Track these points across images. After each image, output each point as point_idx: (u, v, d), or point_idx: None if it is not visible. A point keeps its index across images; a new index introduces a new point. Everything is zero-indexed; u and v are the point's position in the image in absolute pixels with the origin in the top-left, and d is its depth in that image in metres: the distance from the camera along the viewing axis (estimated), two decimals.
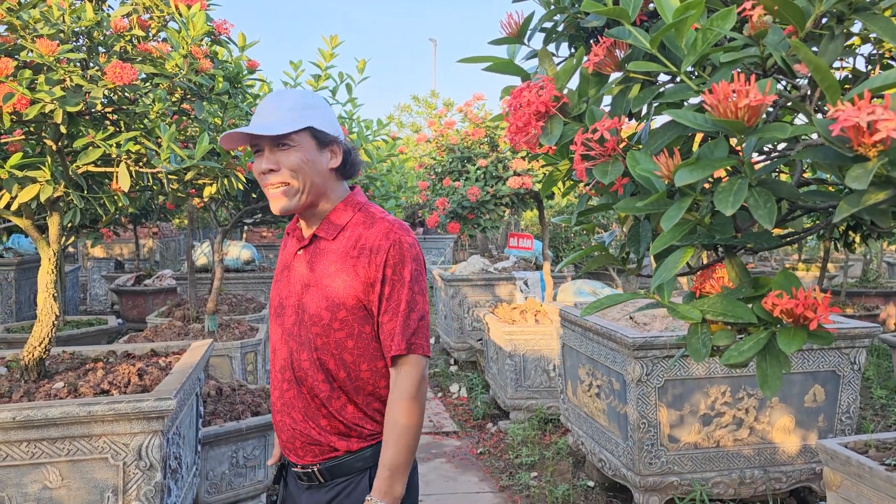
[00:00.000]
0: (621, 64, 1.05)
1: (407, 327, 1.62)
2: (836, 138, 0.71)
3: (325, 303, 1.64)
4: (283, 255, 1.82)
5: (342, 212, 1.71)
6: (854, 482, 2.58)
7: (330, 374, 1.65)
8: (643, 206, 0.89)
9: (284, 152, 1.62)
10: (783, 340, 0.82)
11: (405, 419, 1.60)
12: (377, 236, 1.65)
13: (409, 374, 1.62)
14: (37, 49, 2.01)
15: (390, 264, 1.62)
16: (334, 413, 1.65)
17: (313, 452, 1.68)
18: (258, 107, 1.69)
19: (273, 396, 1.76)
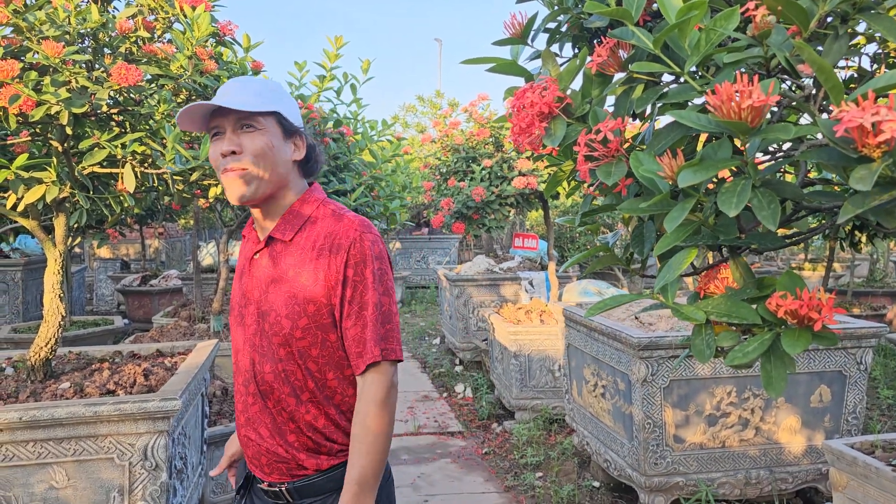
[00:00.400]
0: (625, 64, 1.05)
1: (377, 332, 1.50)
2: (841, 139, 0.71)
3: (285, 310, 1.51)
4: (240, 260, 1.69)
5: (301, 208, 1.59)
6: (860, 483, 2.57)
7: (296, 385, 1.53)
8: (646, 207, 0.89)
9: (249, 135, 1.49)
10: (788, 342, 0.82)
11: (375, 427, 1.48)
12: (336, 235, 1.53)
13: (379, 380, 1.50)
14: (42, 51, 2.02)
15: (351, 264, 1.50)
16: (303, 428, 1.54)
17: (280, 471, 1.57)
18: (220, 89, 1.55)
19: (237, 410, 1.63)
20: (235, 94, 1.50)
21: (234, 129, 1.49)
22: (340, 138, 4.51)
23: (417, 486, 4.06)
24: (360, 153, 4.59)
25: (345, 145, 4.49)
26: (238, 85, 1.53)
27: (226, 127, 1.50)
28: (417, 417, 5.34)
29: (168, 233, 12.91)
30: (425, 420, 5.28)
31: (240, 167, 1.48)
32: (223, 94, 1.50)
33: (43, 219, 2.68)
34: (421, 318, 10.01)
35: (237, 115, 1.49)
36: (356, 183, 4.37)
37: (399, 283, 10.87)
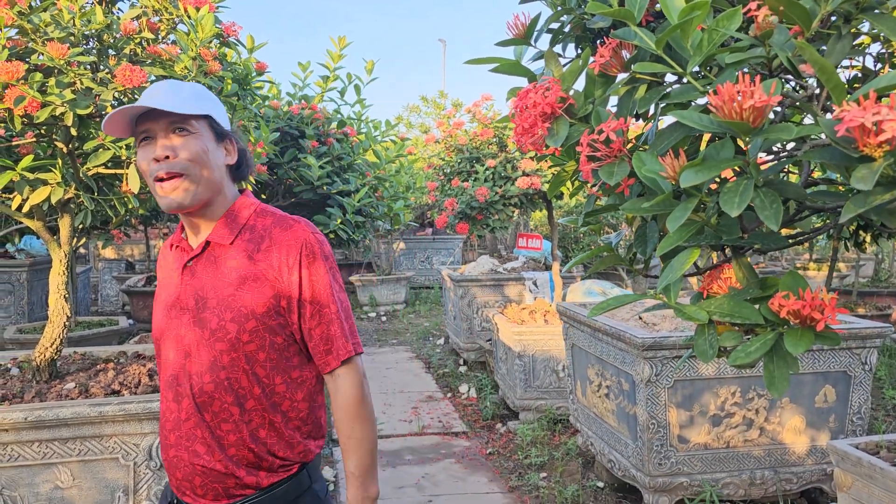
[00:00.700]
0: (627, 65, 1.05)
1: (343, 329, 1.51)
2: (842, 139, 0.71)
3: (230, 314, 1.45)
4: (164, 273, 1.60)
5: (239, 212, 1.54)
6: (865, 483, 2.57)
7: (241, 393, 1.47)
8: (649, 207, 0.89)
9: (182, 139, 1.43)
10: (790, 342, 0.82)
11: (361, 424, 1.51)
12: (284, 236, 1.50)
13: (354, 375, 1.52)
14: (47, 52, 2.02)
15: (305, 265, 1.48)
16: (246, 439, 1.48)
17: (216, 491, 1.49)
18: (146, 91, 1.47)
19: (164, 431, 1.54)
20: (165, 96, 1.43)
21: (166, 134, 1.43)
22: (344, 139, 4.51)
23: (421, 486, 4.07)
24: (363, 153, 4.60)
25: (348, 146, 4.49)
26: (167, 88, 1.46)
27: (156, 131, 1.43)
28: (422, 418, 5.34)
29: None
30: (429, 420, 5.28)
31: (175, 172, 1.42)
32: (151, 97, 1.43)
33: (48, 220, 2.69)
34: (425, 318, 10.02)
35: (169, 119, 1.43)
36: (360, 183, 4.38)
37: (403, 284, 10.88)
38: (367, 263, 12.18)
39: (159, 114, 1.42)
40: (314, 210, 4.48)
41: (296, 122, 4.40)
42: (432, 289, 12.08)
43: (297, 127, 4.39)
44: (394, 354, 7.75)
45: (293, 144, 4.39)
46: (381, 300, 10.62)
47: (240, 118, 2.98)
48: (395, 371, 6.94)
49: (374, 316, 10.24)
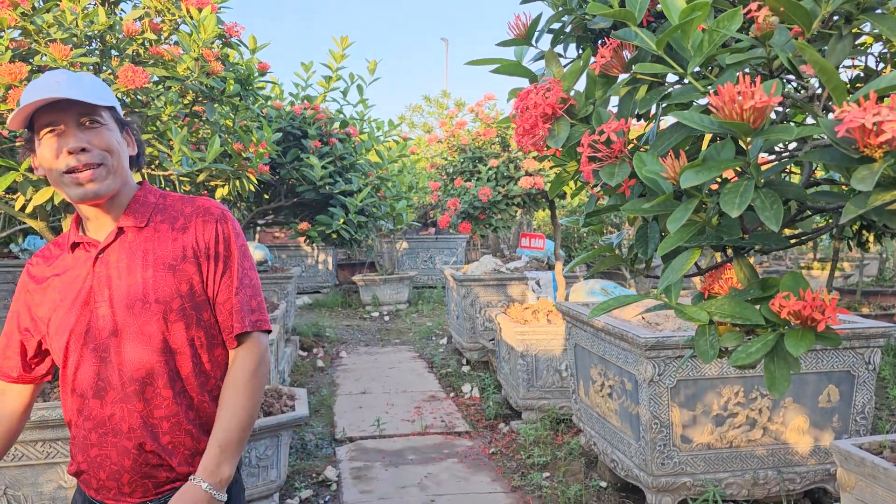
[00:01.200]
0: (628, 65, 1.05)
1: (247, 303, 1.52)
2: (842, 139, 0.71)
3: (154, 295, 1.45)
4: (68, 277, 1.52)
5: (145, 197, 1.54)
6: (869, 483, 2.56)
7: (173, 373, 1.47)
8: (650, 208, 0.89)
9: (94, 131, 1.42)
10: (791, 342, 0.81)
11: (243, 397, 1.49)
12: (199, 214, 1.52)
13: (250, 351, 1.52)
14: (50, 53, 2.03)
15: (220, 240, 1.51)
16: (182, 422, 1.47)
17: (145, 487, 1.47)
18: (42, 81, 1.41)
19: (83, 432, 1.49)
20: (70, 87, 1.39)
21: (76, 126, 1.40)
22: (347, 139, 4.52)
23: (424, 485, 4.07)
24: (366, 153, 4.60)
25: (351, 146, 4.50)
26: (67, 78, 1.41)
27: (65, 122, 1.40)
28: (424, 417, 5.34)
29: None
30: (432, 420, 5.29)
31: (94, 162, 1.41)
32: (54, 87, 1.38)
33: (51, 220, 2.70)
34: (428, 318, 10.02)
35: (78, 110, 1.40)
36: (362, 183, 4.39)
37: (406, 284, 10.88)
38: (370, 263, 12.19)
39: (67, 105, 1.39)
40: (317, 210, 4.49)
41: (298, 122, 4.41)
42: (435, 288, 12.08)
43: (300, 127, 4.40)
44: (397, 354, 7.75)
45: (296, 144, 4.40)
46: (383, 300, 10.62)
47: (242, 118, 2.98)
48: (398, 371, 6.94)
49: (377, 315, 10.25)
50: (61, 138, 1.40)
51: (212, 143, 2.29)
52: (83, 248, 1.52)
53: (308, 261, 12.02)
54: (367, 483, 4.11)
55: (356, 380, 6.59)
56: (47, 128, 1.40)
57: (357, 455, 4.59)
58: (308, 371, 6.89)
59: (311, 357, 7.48)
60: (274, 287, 7.53)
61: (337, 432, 4.99)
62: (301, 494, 3.88)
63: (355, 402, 5.84)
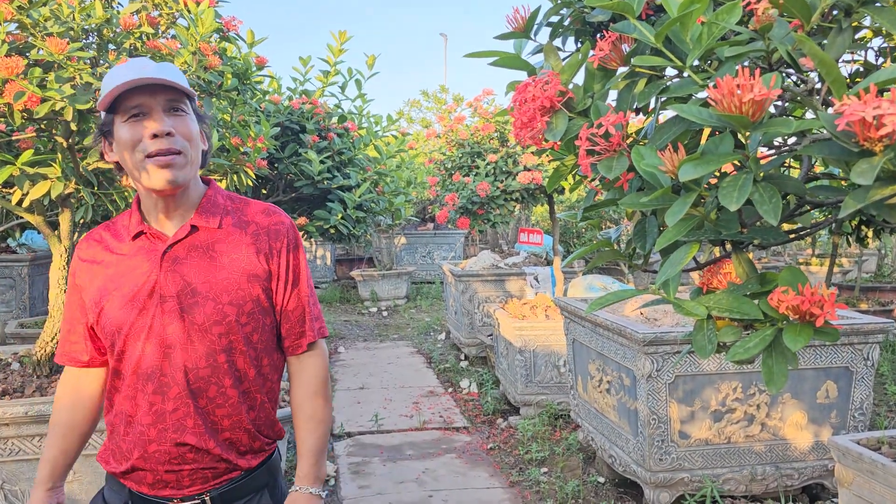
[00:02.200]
0: (627, 58, 1.05)
1: (314, 311, 1.59)
2: (842, 133, 0.70)
3: (228, 297, 1.46)
4: (126, 265, 1.49)
5: (215, 197, 1.54)
6: (866, 479, 2.57)
7: (239, 375, 1.50)
8: (648, 202, 0.89)
9: (180, 118, 1.42)
10: (789, 337, 0.81)
11: (325, 402, 1.59)
12: (271, 221, 1.55)
13: (320, 360, 1.61)
14: (47, 47, 2.02)
15: (291, 248, 1.55)
16: (243, 420, 1.51)
17: (205, 478, 1.49)
18: (129, 65, 1.41)
19: (139, 427, 1.47)
20: (161, 72, 1.40)
21: (163, 111, 1.40)
22: (345, 133, 4.51)
23: (422, 480, 4.07)
24: (364, 148, 4.59)
25: (349, 140, 4.49)
26: (156, 64, 1.42)
27: (152, 106, 1.40)
28: (422, 412, 5.35)
29: None
30: (430, 415, 5.29)
31: (175, 149, 1.40)
32: (145, 70, 1.39)
33: (48, 214, 2.69)
34: (426, 313, 10.02)
35: (168, 96, 1.41)
36: (360, 178, 4.38)
37: (404, 279, 10.88)
38: (369, 258, 12.18)
39: (157, 89, 1.39)
40: (315, 205, 4.48)
41: (296, 116, 4.39)
42: (433, 284, 12.08)
43: (298, 122, 4.38)
44: (395, 349, 7.75)
45: (294, 139, 4.39)
46: (382, 295, 10.62)
47: (240, 113, 2.97)
48: (396, 366, 6.95)
49: (375, 311, 10.25)
50: (147, 122, 1.39)
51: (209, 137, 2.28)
52: (147, 238, 1.49)
53: (307, 256, 12.00)
54: (365, 478, 4.12)
55: (354, 375, 6.60)
56: (133, 111, 1.39)
57: (355, 450, 4.59)
58: None
59: None
60: None
61: (335, 427, 4.99)
62: None
63: (353, 397, 5.84)
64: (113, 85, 1.36)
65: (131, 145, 1.39)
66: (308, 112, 4.38)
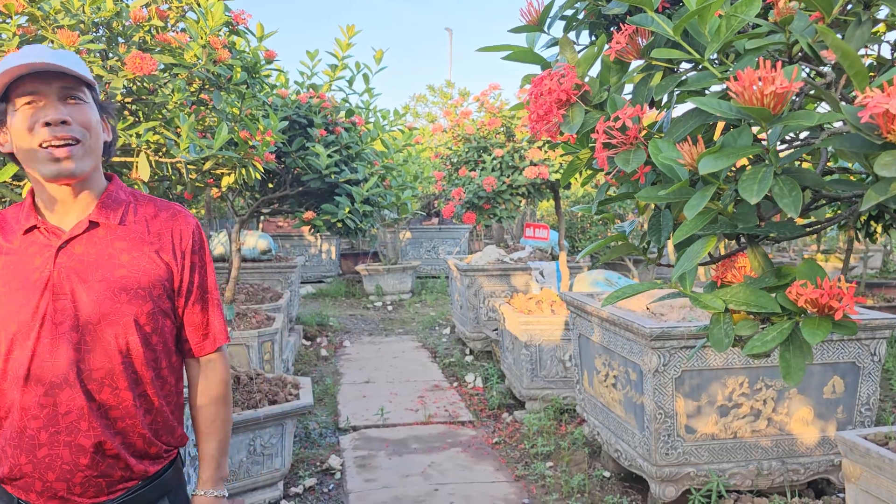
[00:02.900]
0: (643, 51, 1.05)
1: (218, 315, 1.57)
2: (865, 125, 0.70)
3: (126, 296, 1.40)
4: (15, 260, 1.40)
5: (117, 192, 1.47)
6: (874, 474, 2.57)
7: (136, 377, 1.44)
8: (665, 195, 0.89)
9: (77, 107, 1.36)
10: (808, 330, 0.81)
11: (226, 409, 1.60)
12: (176, 220, 1.50)
13: (222, 364, 1.60)
14: (58, 39, 2.02)
15: (196, 249, 1.51)
16: (138, 424, 1.44)
17: (98, 486, 1.41)
18: (23, 52, 1.34)
19: (29, 431, 1.37)
20: (56, 58, 1.33)
21: (58, 99, 1.34)
22: (352, 128, 4.51)
23: (428, 474, 4.08)
24: (371, 143, 4.59)
25: (356, 134, 4.49)
26: (51, 52, 1.34)
27: (47, 94, 1.33)
28: (428, 407, 5.36)
29: None
30: (436, 409, 5.30)
31: (71, 137, 1.33)
32: (40, 56, 1.32)
33: None
34: (431, 307, 10.03)
35: (63, 83, 1.34)
36: (368, 172, 4.38)
37: (409, 273, 10.88)
38: (374, 253, 12.19)
39: (51, 76, 1.33)
40: (322, 199, 4.49)
41: (304, 110, 4.40)
42: (438, 278, 12.09)
43: (306, 116, 4.38)
44: (400, 344, 7.76)
45: (301, 133, 4.39)
46: (387, 289, 10.63)
47: (248, 107, 2.97)
48: (402, 360, 6.96)
49: (380, 305, 10.26)
50: (41, 110, 1.33)
51: (219, 130, 2.29)
52: (41, 233, 1.41)
53: (311, 250, 12.03)
54: (371, 471, 4.13)
55: (360, 369, 6.61)
56: (27, 97, 1.33)
57: (361, 444, 4.61)
58: (312, 360, 6.91)
59: (315, 346, 7.49)
60: (278, 276, 7.54)
61: (341, 421, 5.01)
62: (305, 482, 3.90)
63: (359, 391, 5.85)
64: (2, 70, 1.30)
65: (25, 134, 1.33)
66: (316, 106, 4.39)
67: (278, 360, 5.02)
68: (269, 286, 6.87)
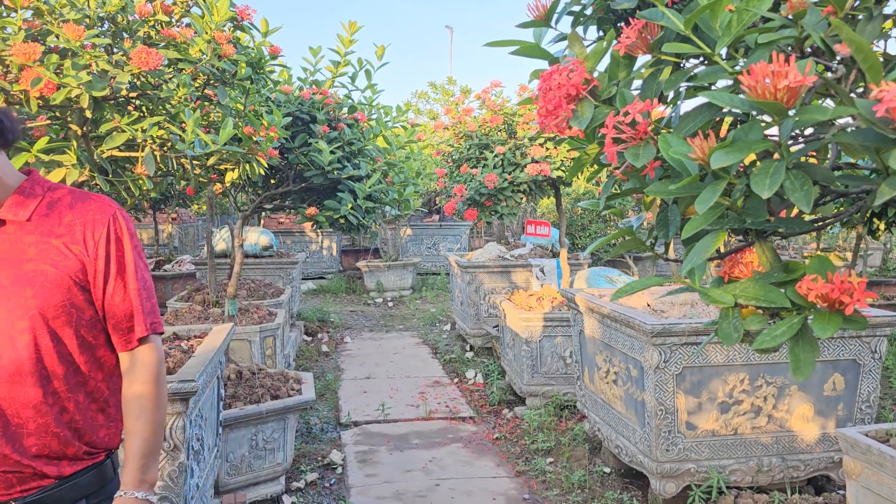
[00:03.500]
0: (653, 46, 1.05)
1: (145, 306, 1.48)
2: (880, 119, 0.71)
3: (33, 290, 1.37)
4: None
5: (32, 188, 1.44)
6: (875, 471, 2.58)
7: (44, 372, 1.39)
8: (676, 190, 0.89)
9: None
10: (818, 325, 0.82)
11: (153, 407, 1.47)
12: (90, 211, 1.45)
13: (151, 356, 1.49)
14: (63, 34, 2.02)
15: (112, 239, 1.45)
16: (50, 423, 1.40)
17: (8, 482, 1.38)
18: None
19: None
20: None
21: None
22: (355, 124, 4.51)
23: (429, 469, 4.09)
24: (374, 139, 4.60)
25: (359, 131, 4.49)
26: None
27: None
28: (429, 402, 5.36)
29: (181, 218, 12.98)
30: (436, 405, 5.31)
31: None
32: None
33: None
34: (431, 304, 10.04)
35: None
36: (370, 169, 4.38)
37: (410, 270, 10.89)
38: (375, 249, 12.20)
39: None
40: (324, 195, 4.49)
41: (307, 106, 4.39)
42: (439, 275, 12.10)
43: (309, 112, 4.38)
44: (400, 340, 7.77)
45: (304, 129, 4.39)
46: (388, 286, 10.64)
47: (252, 102, 2.98)
48: (402, 356, 6.97)
49: (380, 302, 10.26)
50: None
51: (224, 125, 2.29)
52: None
53: (312, 246, 12.04)
54: (373, 466, 4.14)
55: (361, 365, 6.62)
56: None
57: (362, 439, 4.62)
58: (313, 356, 6.91)
59: (316, 342, 7.50)
60: (279, 272, 7.54)
61: (342, 416, 5.01)
62: (307, 477, 3.91)
63: (360, 386, 5.86)
64: None
65: None
66: (319, 102, 4.38)
67: (280, 355, 5.03)
68: (271, 282, 6.88)
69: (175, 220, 12.73)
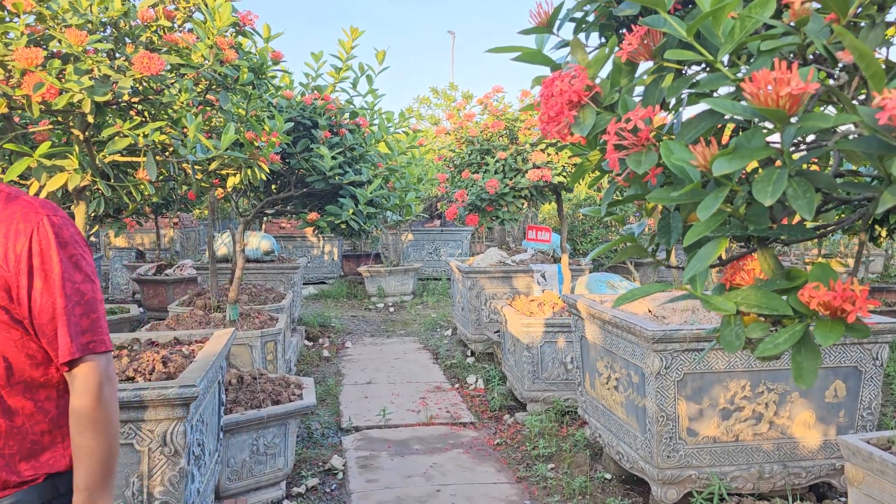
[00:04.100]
0: (655, 53, 1.05)
1: (76, 324, 1.34)
2: (883, 127, 0.71)
3: None
4: None
5: None
6: (877, 478, 2.57)
7: None
8: (678, 196, 0.89)
9: None
10: (820, 333, 0.81)
11: (93, 435, 1.35)
12: (13, 220, 1.32)
13: (86, 377, 1.35)
14: (66, 39, 2.03)
15: (35, 252, 1.31)
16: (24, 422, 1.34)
17: None
18: None
19: None
20: None
21: None
22: (357, 129, 4.51)
23: (430, 475, 4.08)
24: (375, 144, 4.60)
25: (361, 136, 4.49)
26: None
27: None
28: (430, 408, 5.36)
29: (182, 223, 12.99)
30: (437, 411, 5.30)
31: None
32: None
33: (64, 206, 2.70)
34: (432, 309, 10.03)
35: None
36: (372, 174, 4.38)
37: (411, 275, 10.89)
38: (376, 254, 12.20)
39: None
40: (326, 200, 4.49)
41: (308, 112, 4.40)
42: (440, 280, 12.09)
43: (310, 117, 4.39)
44: (402, 345, 7.76)
45: (306, 134, 4.39)
46: (389, 291, 10.64)
47: (254, 108, 2.98)
48: (403, 361, 6.96)
49: (382, 307, 10.26)
50: None
51: (226, 130, 2.29)
52: None
53: (314, 251, 12.04)
54: (373, 472, 4.13)
55: (362, 370, 6.61)
56: None
57: (363, 444, 4.61)
58: (314, 361, 6.91)
59: (317, 347, 7.50)
60: (280, 277, 7.54)
61: (343, 421, 5.01)
62: (308, 482, 3.90)
63: (361, 391, 5.85)
64: None
65: None
66: (320, 108, 4.39)
67: (281, 360, 5.02)
68: (272, 287, 6.88)
69: (177, 225, 12.74)
